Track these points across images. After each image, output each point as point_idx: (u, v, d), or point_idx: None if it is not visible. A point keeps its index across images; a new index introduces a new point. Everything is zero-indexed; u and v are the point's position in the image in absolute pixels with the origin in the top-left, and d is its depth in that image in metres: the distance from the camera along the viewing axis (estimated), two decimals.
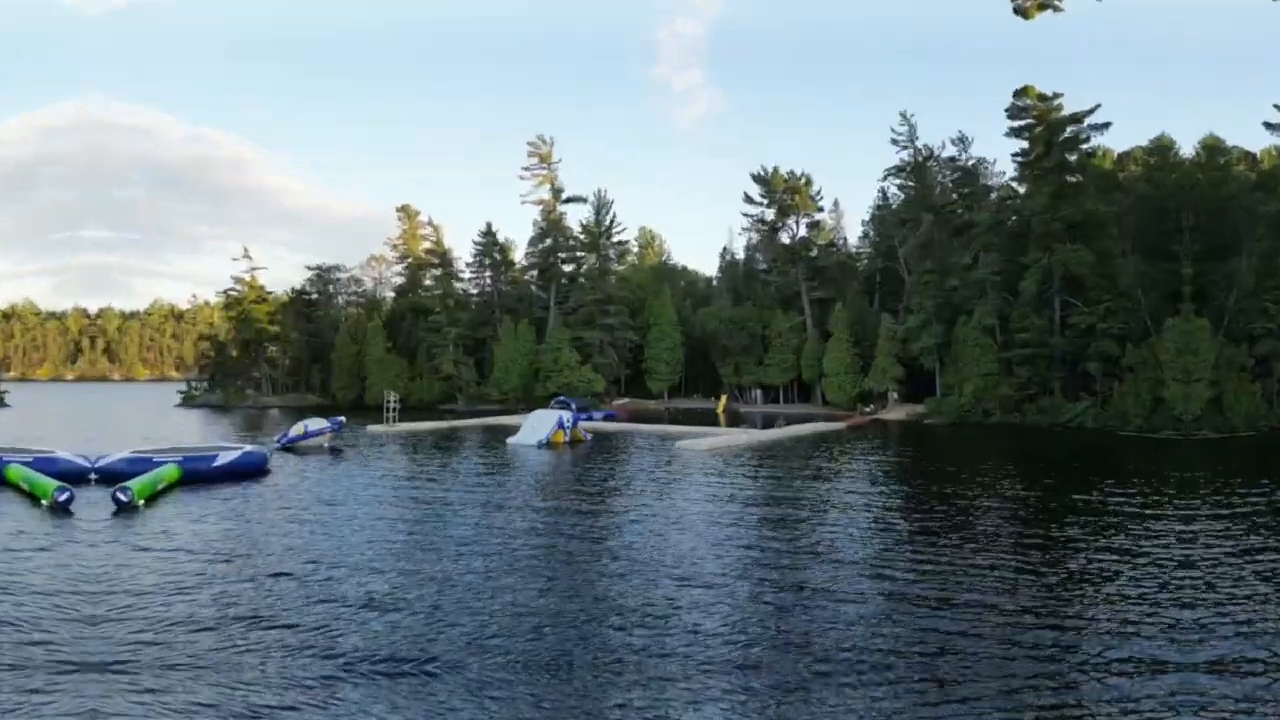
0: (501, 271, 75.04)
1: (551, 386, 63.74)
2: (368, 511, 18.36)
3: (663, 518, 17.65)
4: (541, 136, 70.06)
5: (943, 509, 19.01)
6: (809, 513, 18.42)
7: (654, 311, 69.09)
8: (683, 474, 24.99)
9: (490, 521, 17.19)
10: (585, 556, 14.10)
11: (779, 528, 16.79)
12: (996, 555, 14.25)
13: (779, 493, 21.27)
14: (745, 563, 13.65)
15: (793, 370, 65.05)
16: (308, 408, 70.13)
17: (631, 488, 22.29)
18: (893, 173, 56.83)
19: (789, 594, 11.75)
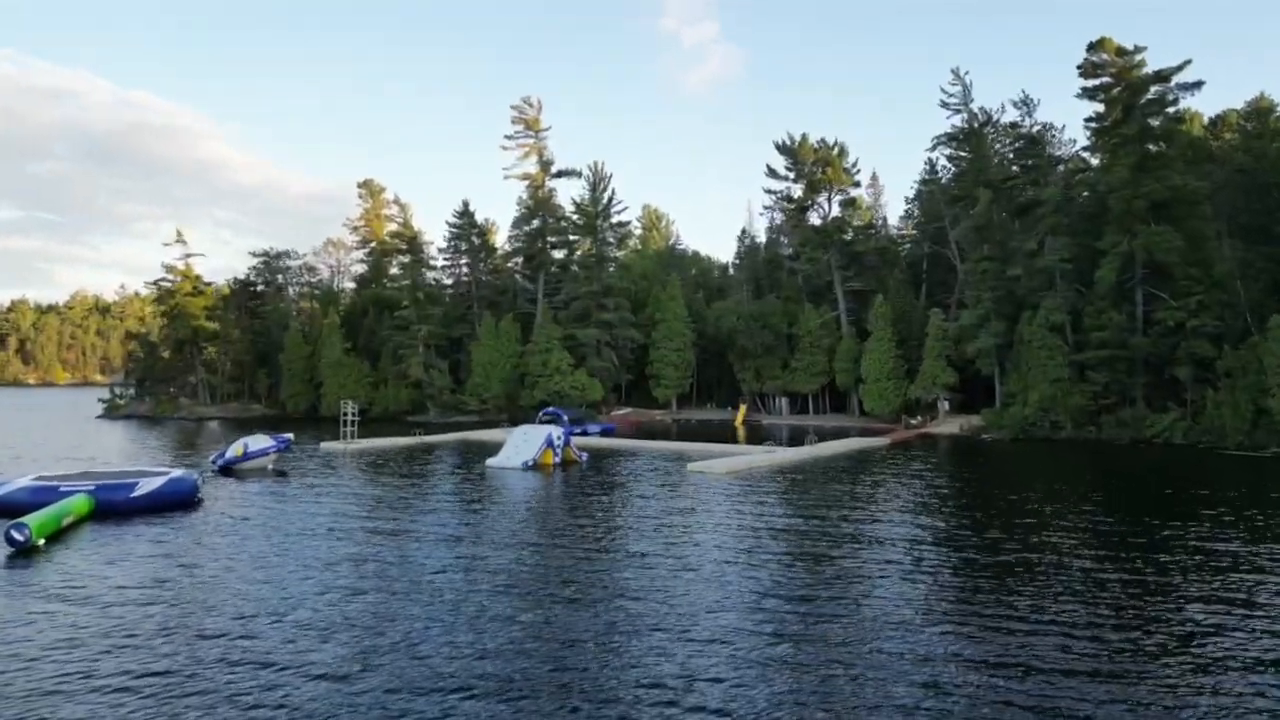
0: (481, 258, 74.70)
1: (539, 395, 63.32)
2: (316, 553, 17.84)
3: (672, 562, 17.10)
4: (528, 99, 69.79)
5: (1011, 549, 18.43)
6: (849, 555, 17.86)
7: (660, 306, 68.60)
8: (696, 504, 24.45)
9: (463, 568, 16.66)
10: (578, 611, 13.56)
11: (814, 576, 16.23)
12: (1078, 608, 13.67)
13: (812, 530, 20.71)
14: (774, 621, 13.09)
15: (824, 375, 64.51)
16: (252, 419, 69.87)
17: (634, 523, 21.76)
18: (943, 141, 56.27)
19: (830, 661, 11.19)
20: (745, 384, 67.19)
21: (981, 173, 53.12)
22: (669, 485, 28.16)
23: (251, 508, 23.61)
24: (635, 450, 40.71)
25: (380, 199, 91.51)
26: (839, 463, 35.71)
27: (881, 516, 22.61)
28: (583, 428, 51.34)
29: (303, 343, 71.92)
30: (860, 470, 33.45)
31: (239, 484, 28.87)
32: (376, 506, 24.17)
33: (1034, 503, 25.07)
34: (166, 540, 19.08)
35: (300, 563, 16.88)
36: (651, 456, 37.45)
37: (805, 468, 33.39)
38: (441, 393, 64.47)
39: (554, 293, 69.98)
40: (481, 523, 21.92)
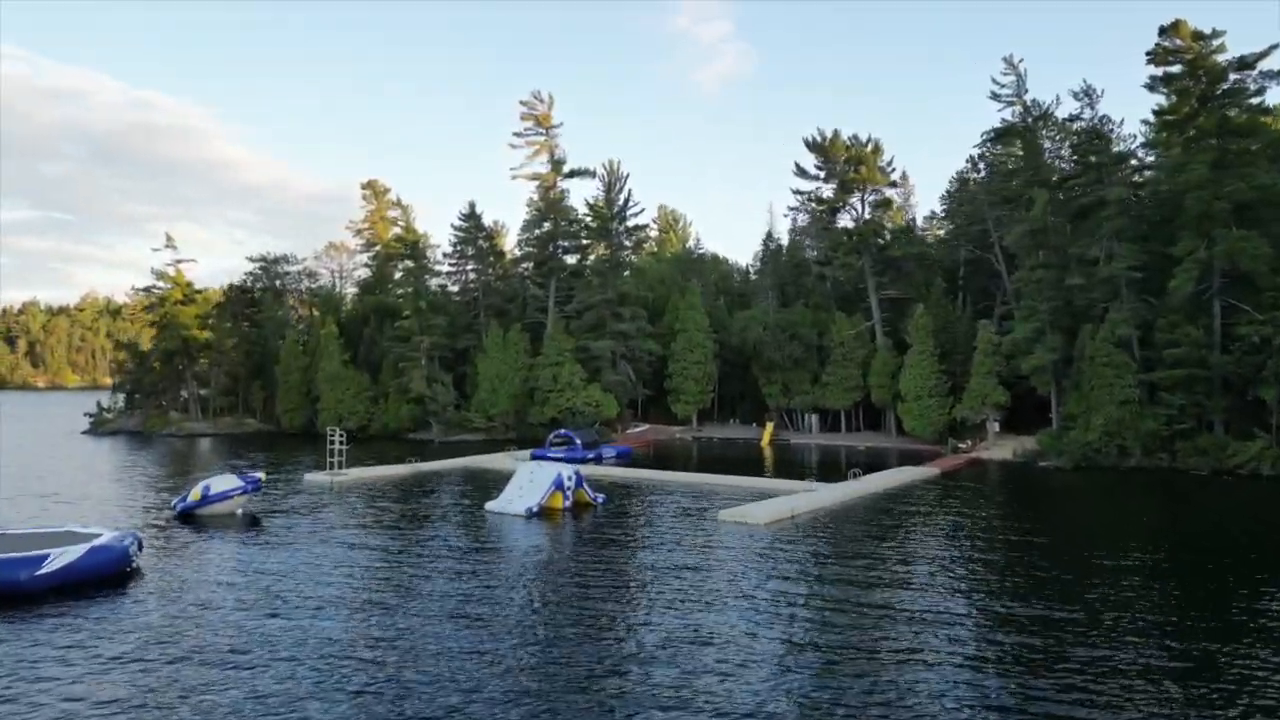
0: (488, 264, 70.87)
1: (549, 411, 59.42)
2: (275, 648, 13.97)
3: (711, 654, 13.05)
4: (537, 93, 65.95)
5: (1120, 636, 14.24)
6: (918, 643, 13.72)
7: (680, 314, 64.53)
8: (731, 569, 20.37)
9: (449, 670, 12.64)
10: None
11: (876, 664, 12.12)
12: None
13: (875, 608, 16.60)
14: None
15: (858, 390, 60.26)
16: (246, 436, 66.40)
17: (659, 600, 17.72)
18: (992, 137, 51.74)
19: None
20: (771, 399, 62.99)
21: (1037, 171, 48.70)
22: (700, 541, 24.07)
23: (200, 578, 19.73)
24: (656, 485, 36.65)
25: (384, 200, 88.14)
26: (889, 504, 31.53)
27: (950, 583, 18.61)
28: (596, 453, 47.41)
29: (300, 353, 68.37)
30: (915, 514, 29.32)
31: (195, 535, 25.05)
32: (351, 573, 20.24)
33: (1108, 550, 20.86)
34: (76, 634, 15.20)
35: (251, 669, 12.96)
36: (676, 496, 33.34)
37: (855, 513, 29.22)
38: (445, 409, 60.70)
39: (565, 301, 66.06)
40: (472, 595, 17.96)
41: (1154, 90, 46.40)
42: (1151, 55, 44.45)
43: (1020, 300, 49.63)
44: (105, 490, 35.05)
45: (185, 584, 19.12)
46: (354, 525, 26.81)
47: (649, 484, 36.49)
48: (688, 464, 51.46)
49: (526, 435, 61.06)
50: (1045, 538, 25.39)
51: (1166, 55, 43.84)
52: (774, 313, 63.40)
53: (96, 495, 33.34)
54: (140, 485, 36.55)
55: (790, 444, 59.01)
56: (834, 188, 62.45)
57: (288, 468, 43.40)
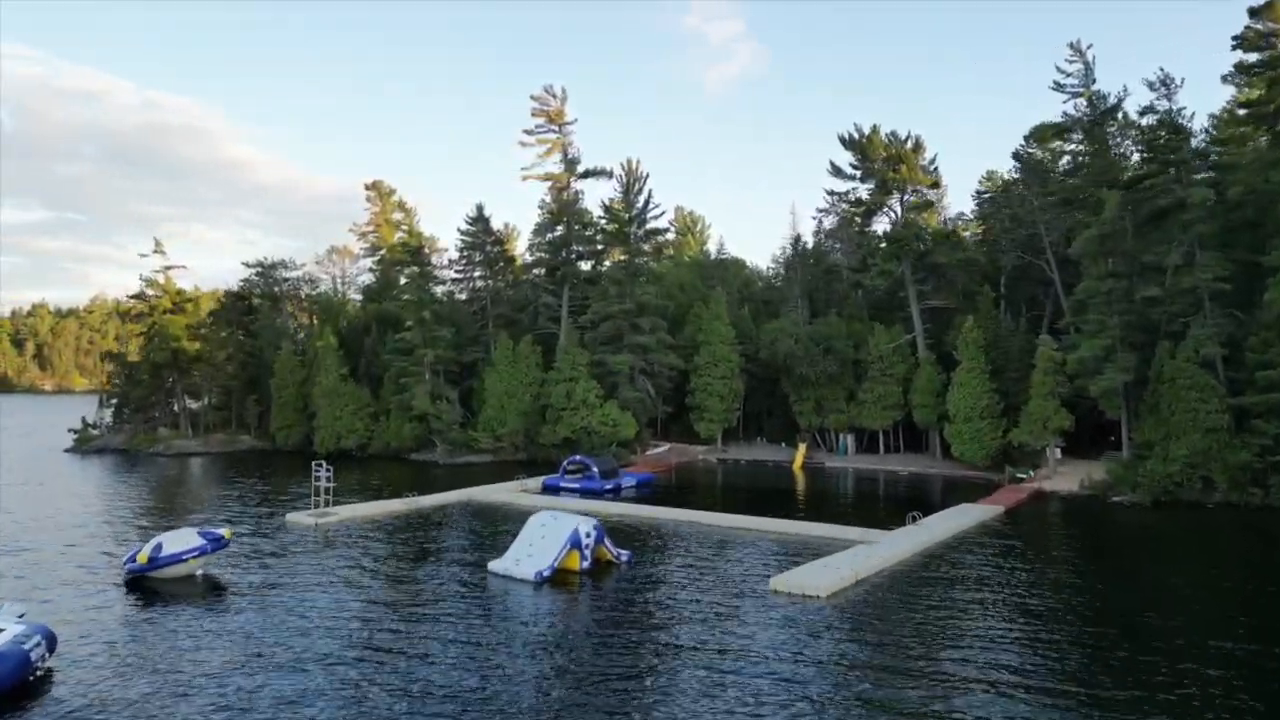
0: (497, 271, 66.86)
1: (562, 430, 55.32)
2: None
3: None
4: (550, 88, 61.92)
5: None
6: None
7: (703, 325, 60.28)
8: (792, 663, 16.16)
9: None
10: None
11: None
12: None
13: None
14: None
15: (898, 409, 55.84)
16: (239, 454, 62.65)
17: (700, 709, 13.56)
18: (1054, 132, 47.11)
19: None
20: (803, 418, 58.62)
21: (1106, 170, 44.16)
22: (751, 619, 19.86)
23: (126, 677, 15.71)
24: (687, 532, 32.41)
25: (389, 202, 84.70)
26: (961, 556, 27.23)
27: (1059, 687, 14.25)
28: (615, 483, 43.29)
29: (296, 366, 64.54)
30: (992, 568, 25.19)
31: (137, 609, 21.11)
32: (318, 666, 16.14)
33: (1259, 640, 16.44)
34: None
35: None
36: (713, 548, 29.09)
37: (926, 572, 24.91)
38: (450, 428, 56.70)
39: (580, 310, 61.95)
40: (464, 695, 13.85)
41: (1231, 81, 42.01)
42: (1239, 40, 39.89)
43: (1083, 313, 45.05)
44: (62, 534, 31.15)
45: (105, 700, 15.05)
46: (335, 588, 22.78)
47: (678, 530, 32.22)
48: (714, 491, 47.39)
49: (537, 456, 57.06)
50: (1154, 613, 21.00)
51: (1258, 40, 39.26)
52: (805, 324, 59.00)
53: (50, 541, 29.47)
54: (104, 528, 32.60)
55: (825, 468, 54.69)
56: (871, 188, 58.03)
57: (272, 501, 39.48)
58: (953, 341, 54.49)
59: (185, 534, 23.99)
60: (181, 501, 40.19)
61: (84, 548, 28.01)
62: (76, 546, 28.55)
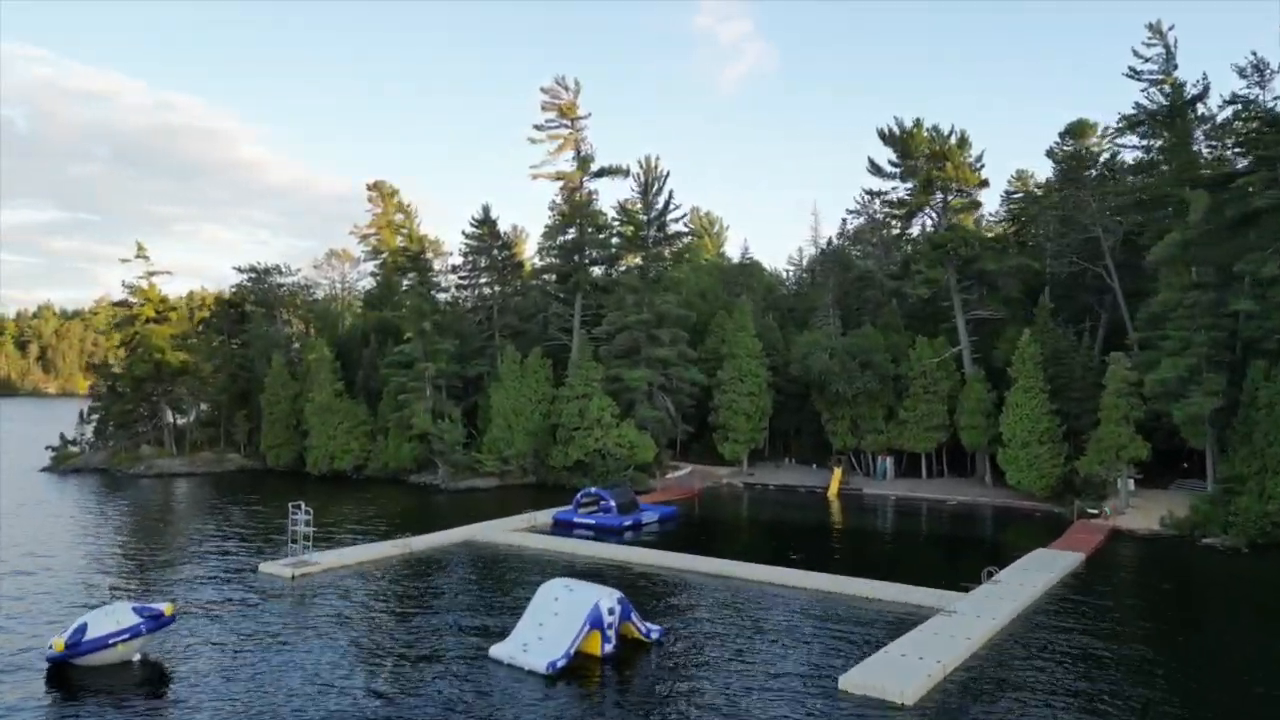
0: (504, 278, 62.61)
1: (575, 453, 51.04)
2: None
3: None
4: (561, 79, 57.69)
5: None
6: None
7: (728, 337, 55.85)
8: None
9: None
10: None
11: None
12: None
13: None
14: None
15: (942, 430, 51.39)
16: (227, 475, 58.62)
17: None
18: (1125, 125, 42.42)
19: None
20: (837, 438, 54.14)
21: (1187, 167, 39.57)
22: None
23: None
24: (720, 589, 28.05)
25: (392, 203, 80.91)
26: (1059, 629, 22.76)
27: None
28: (634, 517, 39.01)
29: (289, 380, 60.50)
30: (1102, 641, 20.74)
31: (59, 705, 16.89)
32: None
33: None
34: None
35: None
36: (758, 618, 24.71)
37: (1025, 656, 20.46)
38: (453, 449, 52.46)
39: (594, 321, 57.73)
40: None
41: None
42: None
43: (1158, 327, 40.49)
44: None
45: None
46: (299, 678, 18.53)
47: (712, 589, 27.82)
48: (744, 526, 42.98)
49: (547, 480, 52.86)
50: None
51: None
52: (840, 335, 54.54)
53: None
54: (44, 588, 28.33)
55: (863, 495, 50.23)
56: (914, 187, 53.55)
57: (250, 540, 35.32)
58: (1003, 356, 50.12)
59: (117, 611, 19.75)
60: (148, 542, 36.09)
61: (8, 625, 23.77)
62: (8, 615, 24.39)
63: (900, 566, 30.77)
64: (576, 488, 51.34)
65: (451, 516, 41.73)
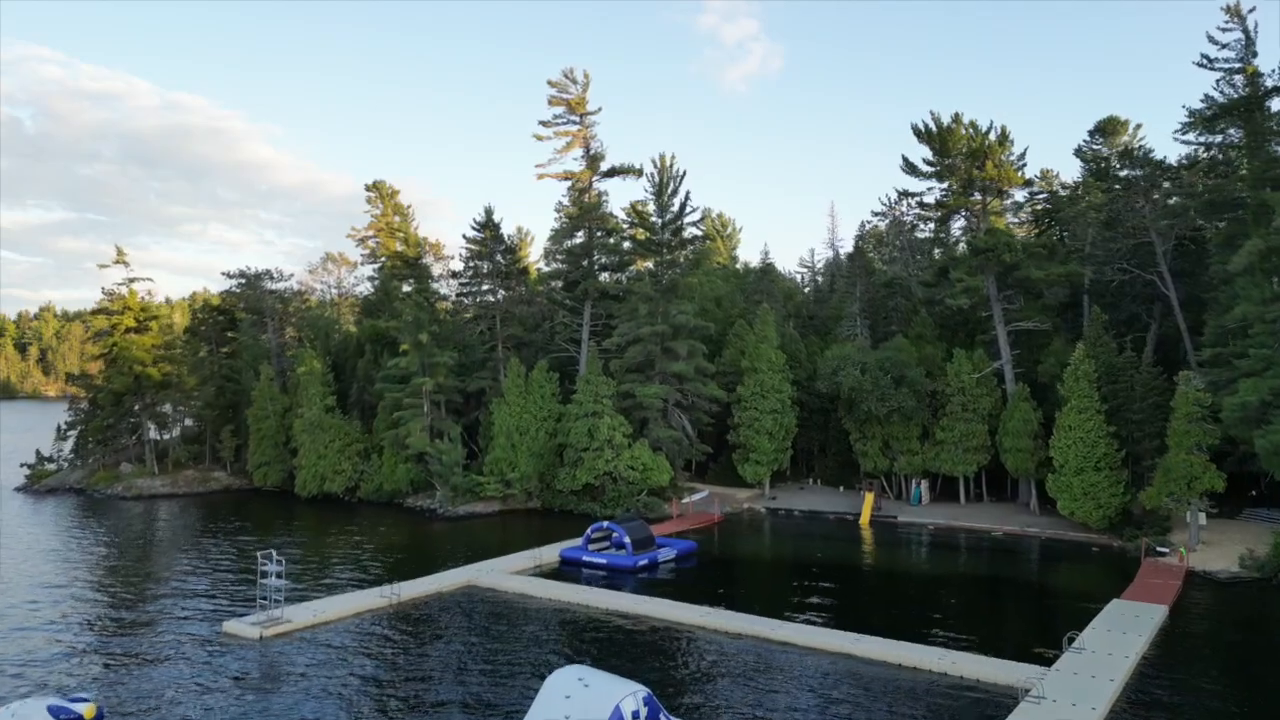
0: (508, 284, 58.96)
1: (583, 476, 47.37)
2: None
3: None
4: (569, 72, 53.99)
5: None
6: None
7: (750, 350, 52.04)
8: None
9: None
10: None
11: None
12: None
13: None
14: None
15: (983, 452, 47.61)
16: (212, 495, 55.02)
17: None
18: (1197, 120, 38.39)
19: None
20: (867, 459, 50.34)
21: (1269, 166, 35.66)
22: None
23: None
24: (753, 655, 24.32)
25: (392, 204, 77.35)
26: (1167, 710, 19.01)
27: None
28: (649, 556, 35.34)
29: (278, 393, 56.98)
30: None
31: None
32: None
33: None
34: None
35: None
36: (791, 692, 20.96)
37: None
38: (451, 471, 48.83)
39: (604, 331, 54.05)
40: None
41: None
42: None
43: (1233, 343, 36.60)
44: None
45: None
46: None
47: (744, 656, 24.08)
48: (771, 563, 39.13)
49: (554, 505, 49.29)
50: None
51: None
52: (875, 350, 50.73)
53: None
54: None
55: (897, 523, 46.40)
56: (952, 187, 49.74)
57: (224, 585, 31.73)
58: (1048, 371, 46.36)
59: (30, 710, 16.13)
60: (108, 588, 32.54)
61: None
62: None
63: (955, 618, 27.08)
64: (585, 514, 48.05)
65: (449, 550, 38.23)
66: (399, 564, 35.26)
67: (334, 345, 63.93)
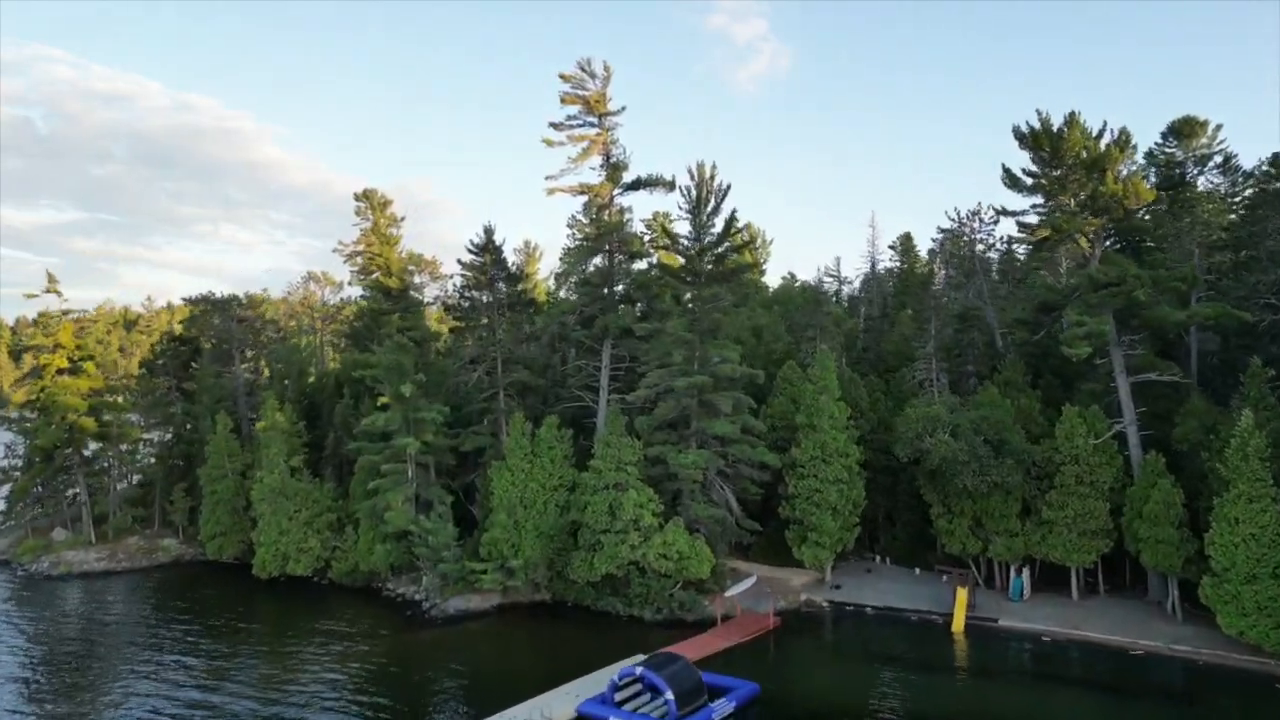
0: (514, 318, 49.67)
1: (603, 565, 38.41)
2: None
3: None
4: (586, 63, 44.93)
5: None
6: None
7: (806, 401, 42.78)
8: None
9: None
10: None
11: None
12: None
13: None
14: None
15: (1104, 537, 38.39)
16: (156, 572, 45.81)
17: None
18: None
19: None
20: (952, 540, 41.10)
21: None
22: None
23: None
24: None
25: (385, 216, 68.91)
26: None
27: None
28: (704, 714, 26.20)
29: (237, 448, 48.28)
30: None
31: None
32: None
33: None
34: None
35: None
36: None
37: None
38: (440, 554, 39.90)
39: (627, 377, 45.04)
40: None
41: None
42: None
43: None
44: None
45: None
46: None
47: None
48: (843, 690, 29.82)
49: (565, 598, 40.40)
50: None
51: None
52: (954, 401, 41.49)
53: None
54: None
55: (998, 628, 37.19)
56: (1065, 205, 40.42)
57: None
58: (1187, 437, 37.18)
59: None
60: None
61: None
62: None
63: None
64: (605, 611, 39.16)
65: (431, 678, 29.44)
66: (366, 710, 26.48)
67: (309, 385, 55.26)
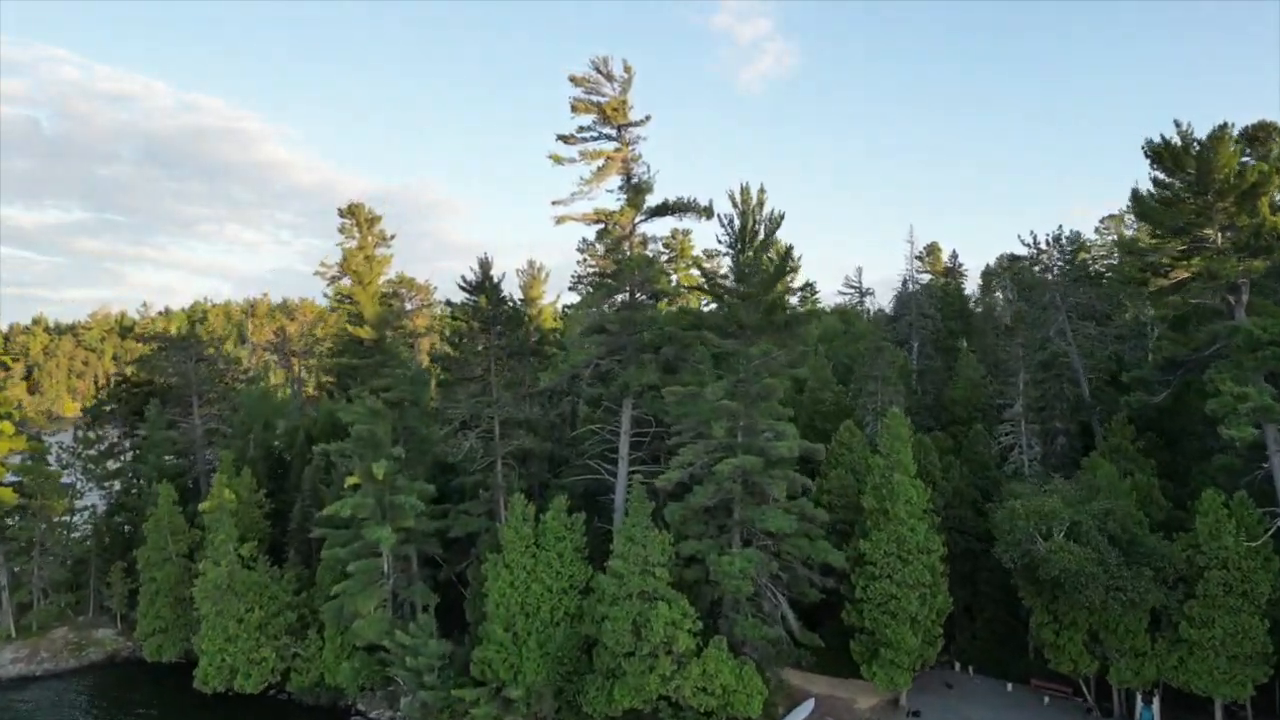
0: (517, 365, 41.56)
1: (626, 698, 30.51)
2: None
3: None
4: (602, 62, 36.93)
5: None
6: None
7: (872, 480, 34.66)
8: None
9: None
10: None
11: None
12: None
13: None
14: None
15: (1259, 662, 30.27)
16: (82, 676, 37.57)
17: None
18: None
19: None
20: (1062, 656, 32.95)
21: None
22: None
23: None
24: None
25: (372, 234, 62.10)
26: None
27: None
28: None
29: (182, 526, 40.49)
30: None
31: None
32: None
33: None
34: None
35: None
36: None
37: None
38: (423, 673, 31.99)
39: (652, 447, 37.05)
40: None
41: None
42: None
43: None
44: None
45: None
46: None
47: None
48: None
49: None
50: None
51: None
52: (1071, 494, 33.32)
53: None
54: None
55: None
56: (1201, 233, 32.34)
57: None
58: None
59: None
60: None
61: None
62: None
63: None
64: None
65: None
66: None
67: (276, 439, 47.50)
